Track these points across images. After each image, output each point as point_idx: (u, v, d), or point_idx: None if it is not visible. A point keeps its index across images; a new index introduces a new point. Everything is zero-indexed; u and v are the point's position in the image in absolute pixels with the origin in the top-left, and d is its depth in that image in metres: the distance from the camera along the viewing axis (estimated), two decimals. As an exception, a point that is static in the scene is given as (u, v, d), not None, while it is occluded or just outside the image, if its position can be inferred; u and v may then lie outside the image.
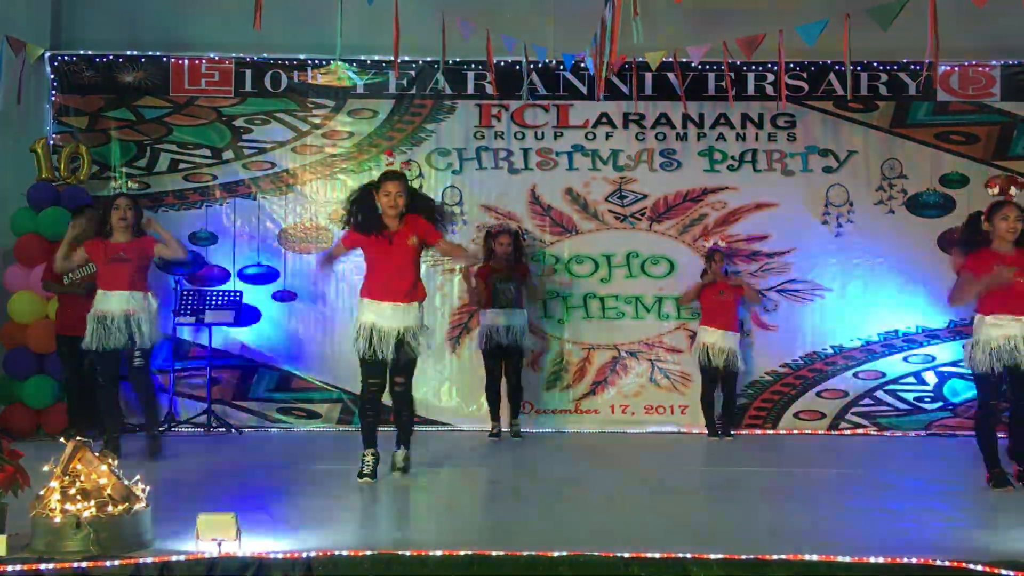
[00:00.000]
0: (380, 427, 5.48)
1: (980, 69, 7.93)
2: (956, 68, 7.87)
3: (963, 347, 5.58)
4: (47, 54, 7.82)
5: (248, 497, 4.89)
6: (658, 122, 8.03)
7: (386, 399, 5.57)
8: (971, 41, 7.66)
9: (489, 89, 7.72)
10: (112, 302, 6.00)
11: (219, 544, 3.53)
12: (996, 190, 5.35)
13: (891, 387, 7.89)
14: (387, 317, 5.30)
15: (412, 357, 5.39)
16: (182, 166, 8.01)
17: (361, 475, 5.31)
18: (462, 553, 3.48)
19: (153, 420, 6.35)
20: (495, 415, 7.43)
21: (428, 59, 7.80)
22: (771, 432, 7.86)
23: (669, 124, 8.02)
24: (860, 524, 4.40)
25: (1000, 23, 7.49)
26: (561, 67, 7.82)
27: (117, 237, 6.11)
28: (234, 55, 7.97)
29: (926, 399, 7.88)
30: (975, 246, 5.35)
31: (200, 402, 7.71)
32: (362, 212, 5.37)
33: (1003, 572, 3.32)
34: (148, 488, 3.81)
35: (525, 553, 3.48)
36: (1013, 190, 5.32)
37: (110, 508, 3.62)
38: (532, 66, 7.77)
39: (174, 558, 3.45)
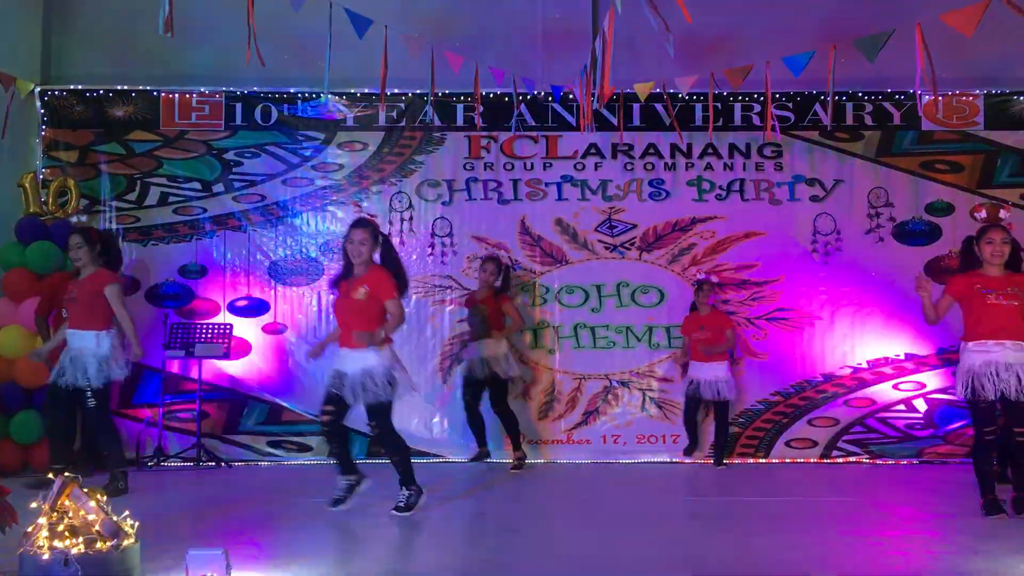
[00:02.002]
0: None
1: (964, 98, 8.04)
2: (940, 97, 7.98)
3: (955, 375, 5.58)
4: (37, 89, 7.84)
5: (238, 532, 4.84)
6: (646, 152, 8.09)
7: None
8: (955, 71, 7.76)
9: (478, 120, 7.77)
10: (70, 340, 6.05)
11: (209, 580, 3.49)
12: (984, 214, 5.42)
13: (882, 415, 7.90)
14: (347, 363, 5.33)
15: (378, 400, 5.30)
16: (172, 199, 8.02)
17: (331, 502, 5.34)
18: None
19: (112, 460, 6.18)
20: (479, 440, 7.44)
21: (417, 91, 7.87)
22: (763, 461, 7.85)
23: (657, 154, 8.09)
24: (855, 552, 4.38)
25: (983, 53, 7.60)
26: (549, 99, 7.91)
27: (77, 274, 6.16)
28: (224, 89, 8.02)
29: (917, 426, 7.89)
30: (965, 269, 5.41)
31: (190, 436, 7.66)
32: (343, 261, 5.49)
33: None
34: (137, 524, 3.77)
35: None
36: (1002, 213, 5.38)
37: (99, 544, 3.58)
38: (521, 98, 7.84)
39: (163, 595, 3.41)
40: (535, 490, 6.61)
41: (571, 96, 7.56)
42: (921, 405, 7.88)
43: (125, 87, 8.00)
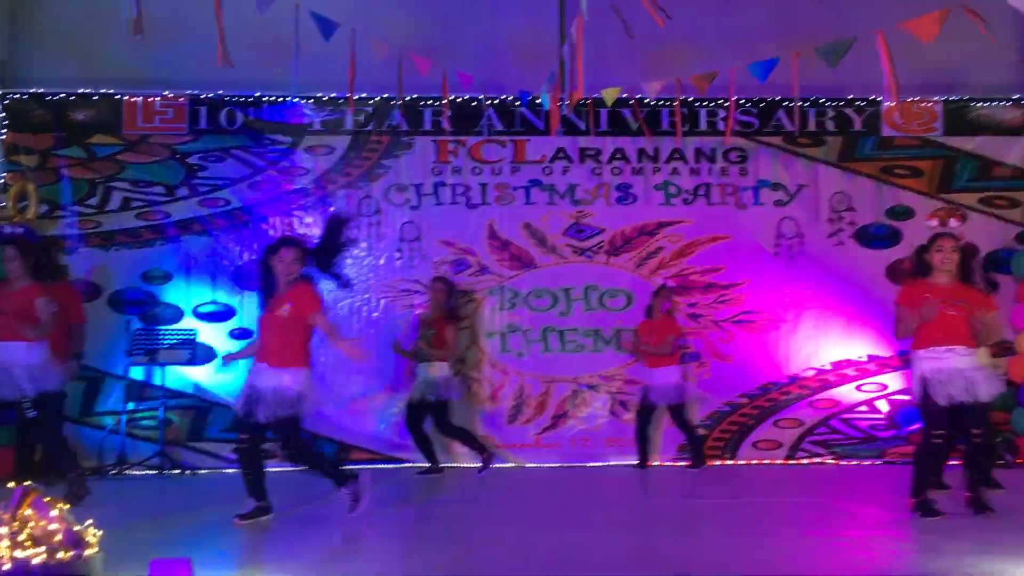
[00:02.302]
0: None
1: (923, 105, 8.18)
2: (900, 104, 8.10)
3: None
4: (-3, 92, 7.72)
5: (203, 540, 4.79)
6: (614, 157, 8.14)
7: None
8: (914, 77, 7.89)
9: (446, 124, 7.77)
10: (1, 353, 5.86)
11: (174, 589, 3.45)
12: (935, 222, 5.48)
13: (845, 416, 8.01)
14: (262, 378, 5.26)
15: (284, 417, 5.24)
16: (135, 204, 7.91)
17: (241, 516, 5.26)
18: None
19: (65, 467, 6.04)
20: (428, 458, 7.35)
21: (385, 96, 7.84)
22: (730, 462, 7.91)
23: (624, 159, 8.14)
24: (819, 553, 4.43)
25: (942, 60, 7.74)
26: (517, 103, 7.92)
27: (11, 286, 5.98)
28: (188, 92, 7.93)
29: (879, 427, 8.00)
30: (914, 278, 5.44)
31: (153, 444, 7.55)
32: (263, 274, 5.35)
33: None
34: (100, 533, 3.71)
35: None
36: (952, 222, 5.44)
37: (61, 554, 3.52)
38: (489, 102, 7.84)
39: (128, 604, 3.36)
40: (505, 494, 6.60)
41: (538, 100, 7.58)
42: (883, 406, 8.00)
43: (87, 91, 7.89)
